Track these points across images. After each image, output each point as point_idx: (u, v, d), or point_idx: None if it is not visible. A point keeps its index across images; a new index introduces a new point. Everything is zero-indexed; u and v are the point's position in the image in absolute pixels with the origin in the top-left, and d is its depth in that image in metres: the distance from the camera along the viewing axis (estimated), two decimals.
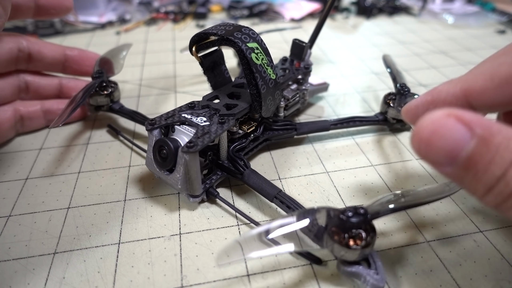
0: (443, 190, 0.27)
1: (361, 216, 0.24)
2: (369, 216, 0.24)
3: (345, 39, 0.70)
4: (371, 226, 0.25)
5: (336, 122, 0.40)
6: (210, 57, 0.36)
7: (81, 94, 0.38)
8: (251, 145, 0.37)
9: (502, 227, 0.31)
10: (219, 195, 0.33)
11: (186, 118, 0.31)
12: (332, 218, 0.24)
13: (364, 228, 0.24)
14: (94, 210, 0.33)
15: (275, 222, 0.24)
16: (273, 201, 0.31)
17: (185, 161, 0.29)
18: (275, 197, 0.30)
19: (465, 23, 0.76)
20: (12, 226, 0.31)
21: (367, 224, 0.24)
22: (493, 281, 0.26)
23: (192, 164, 0.29)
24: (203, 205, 0.33)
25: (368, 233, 0.24)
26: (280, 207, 0.30)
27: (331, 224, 0.24)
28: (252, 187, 0.32)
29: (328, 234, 0.24)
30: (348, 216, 0.24)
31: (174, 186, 0.31)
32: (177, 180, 0.30)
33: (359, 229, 0.24)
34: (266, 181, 0.32)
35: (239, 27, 0.32)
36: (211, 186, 0.33)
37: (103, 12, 0.79)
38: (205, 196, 0.33)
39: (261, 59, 0.31)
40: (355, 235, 0.24)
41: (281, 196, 0.30)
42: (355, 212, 0.24)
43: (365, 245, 0.24)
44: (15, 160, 0.39)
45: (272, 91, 0.33)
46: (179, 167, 0.29)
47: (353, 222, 0.24)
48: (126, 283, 0.26)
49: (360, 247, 0.24)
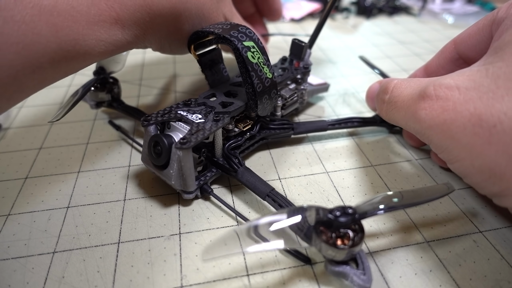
0: (436, 191, 0.28)
1: (349, 215, 0.24)
2: (357, 216, 0.24)
3: (345, 39, 0.70)
4: (360, 226, 0.25)
5: (334, 122, 0.40)
6: (208, 55, 0.37)
7: (82, 89, 0.39)
8: (247, 144, 0.37)
9: (502, 227, 0.31)
10: (213, 192, 0.33)
11: (182, 115, 0.32)
12: (320, 217, 0.24)
13: (352, 228, 0.24)
14: (94, 209, 0.33)
15: (263, 218, 0.24)
16: (266, 199, 0.31)
17: (178, 157, 0.29)
18: (267, 195, 0.31)
19: (465, 23, 0.76)
20: (11, 225, 0.31)
21: (355, 223, 0.24)
22: (493, 281, 0.26)
23: (185, 160, 0.29)
24: (203, 205, 0.33)
25: (356, 233, 0.24)
26: (273, 205, 0.30)
27: (319, 223, 0.24)
28: (246, 185, 0.32)
29: (316, 233, 0.24)
30: (336, 216, 0.24)
31: (168, 181, 0.31)
32: (171, 176, 0.30)
33: (346, 229, 0.24)
34: (260, 180, 0.32)
35: (236, 25, 0.32)
36: (205, 183, 0.33)
37: None
38: (199, 193, 0.33)
39: (257, 58, 0.32)
40: (342, 234, 0.24)
41: (273, 195, 0.30)
42: (343, 211, 0.24)
43: (352, 245, 0.24)
44: (14, 159, 0.39)
45: (269, 90, 0.33)
46: (173, 163, 0.30)
47: (341, 221, 0.24)
48: (125, 283, 0.26)
49: (347, 247, 0.24)
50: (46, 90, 0.52)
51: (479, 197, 0.34)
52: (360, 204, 0.25)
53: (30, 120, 0.46)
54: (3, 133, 0.43)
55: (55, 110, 0.48)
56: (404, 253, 0.29)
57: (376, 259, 0.28)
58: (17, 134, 0.43)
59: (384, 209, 0.25)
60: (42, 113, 0.47)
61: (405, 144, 0.41)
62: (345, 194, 0.34)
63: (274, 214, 0.24)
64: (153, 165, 0.31)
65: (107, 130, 0.43)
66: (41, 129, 0.44)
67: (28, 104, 0.49)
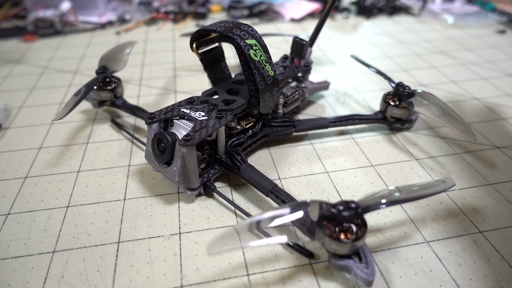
0: (438, 186, 0.28)
1: (352, 210, 0.24)
2: (360, 210, 0.24)
3: (345, 39, 0.70)
4: (362, 220, 0.25)
5: (335, 119, 0.40)
6: (210, 54, 0.37)
7: (84, 88, 0.39)
8: (250, 141, 0.37)
9: (502, 228, 0.31)
10: (216, 189, 0.33)
11: (185, 113, 0.32)
12: (323, 212, 0.24)
13: (355, 222, 0.24)
14: (94, 209, 0.33)
15: (266, 213, 0.24)
16: (269, 196, 0.31)
17: (182, 154, 0.29)
18: (270, 192, 0.31)
19: (465, 23, 0.76)
20: (11, 225, 0.31)
21: (358, 218, 0.24)
22: (493, 281, 0.26)
23: (189, 157, 0.29)
24: (203, 205, 0.33)
25: (359, 227, 0.24)
26: (276, 201, 0.30)
27: (323, 218, 0.24)
28: (248, 181, 0.32)
29: (320, 227, 0.24)
30: (339, 210, 0.24)
31: (171, 179, 0.31)
32: (175, 173, 0.30)
33: (350, 223, 0.24)
34: (263, 176, 0.32)
35: (239, 24, 0.32)
36: (208, 180, 0.33)
37: (103, 12, 0.79)
38: (202, 190, 0.33)
39: (259, 56, 0.32)
40: (345, 229, 0.24)
41: (276, 191, 0.30)
42: (346, 206, 0.24)
43: (355, 239, 0.24)
44: (14, 158, 0.39)
45: (271, 88, 0.33)
46: (177, 160, 0.30)
47: (344, 215, 0.24)
48: (125, 282, 0.26)
49: (350, 241, 0.24)
50: (46, 90, 0.52)
51: (479, 197, 0.34)
52: (363, 198, 0.26)
53: (30, 119, 0.46)
54: (3, 132, 0.43)
55: (55, 110, 0.48)
56: (404, 253, 0.28)
57: (376, 259, 0.28)
58: (17, 133, 0.43)
59: (386, 203, 0.25)
60: (42, 113, 0.47)
61: (405, 144, 0.41)
62: (345, 194, 0.34)
63: (278, 209, 0.24)
64: (157, 162, 0.32)
65: (107, 130, 0.43)
66: (41, 129, 0.44)
67: (28, 104, 0.49)
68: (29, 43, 0.69)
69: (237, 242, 0.23)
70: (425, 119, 0.45)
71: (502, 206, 0.33)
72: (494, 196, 0.34)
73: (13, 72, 0.58)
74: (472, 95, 0.51)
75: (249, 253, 0.28)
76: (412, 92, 0.40)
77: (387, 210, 0.32)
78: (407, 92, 0.40)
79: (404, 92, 0.40)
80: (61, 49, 0.66)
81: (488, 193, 0.34)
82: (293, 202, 0.28)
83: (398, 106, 0.40)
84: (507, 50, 0.65)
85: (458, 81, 0.54)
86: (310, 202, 0.25)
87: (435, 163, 0.38)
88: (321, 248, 0.28)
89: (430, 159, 0.38)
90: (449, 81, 0.54)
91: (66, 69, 0.59)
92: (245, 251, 0.29)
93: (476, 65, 0.59)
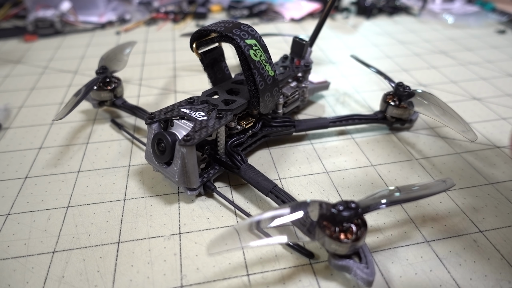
0: (438, 186, 0.28)
1: (352, 210, 0.24)
2: (360, 210, 0.24)
3: (345, 39, 0.70)
4: (362, 220, 0.25)
5: (335, 119, 0.40)
6: (210, 54, 0.37)
7: (84, 88, 0.39)
8: (250, 141, 0.37)
9: (502, 227, 0.31)
10: (216, 189, 0.33)
11: (185, 113, 0.32)
12: (323, 212, 0.24)
13: (355, 222, 0.24)
14: (94, 209, 0.33)
15: (266, 213, 0.24)
16: (269, 196, 0.31)
17: (182, 154, 0.29)
18: (270, 192, 0.31)
19: (465, 23, 0.76)
20: (11, 225, 0.31)
21: (358, 218, 0.24)
22: (493, 281, 0.26)
23: (189, 157, 0.29)
24: (203, 205, 0.33)
25: (359, 227, 0.24)
26: (276, 201, 0.30)
27: (323, 218, 0.24)
28: (249, 181, 0.32)
29: (320, 227, 0.24)
30: (339, 210, 0.24)
31: (171, 179, 0.31)
32: (175, 173, 0.30)
33: (350, 223, 0.24)
34: (263, 176, 0.32)
35: (238, 24, 0.32)
36: (208, 180, 0.33)
37: (103, 12, 0.79)
38: (202, 190, 0.33)
39: (259, 56, 0.32)
40: (345, 229, 0.24)
41: (277, 191, 0.30)
42: (346, 206, 0.24)
43: (355, 239, 0.24)
44: (14, 159, 0.39)
45: (271, 88, 0.33)
46: (177, 160, 0.30)
47: (344, 215, 0.24)
48: (125, 282, 0.26)
49: (350, 241, 0.24)
50: (46, 90, 0.52)
51: (480, 197, 0.34)
52: (363, 198, 0.26)
53: (30, 120, 0.46)
54: (3, 133, 0.43)
55: (55, 110, 0.48)
56: (404, 253, 0.28)
57: (376, 259, 0.28)
58: (17, 133, 0.43)
59: (386, 203, 0.25)
60: (42, 113, 0.47)
61: (405, 144, 0.41)
62: (345, 194, 0.34)
63: (278, 209, 0.24)
64: (157, 162, 0.32)
65: (107, 130, 0.43)
66: (41, 129, 0.44)
67: (28, 104, 0.49)
68: (29, 43, 0.69)
69: (237, 242, 0.23)
70: (425, 119, 0.45)
71: (503, 205, 0.33)
72: (494, 195, 0.34)
73: (13, 72, 0.58)
74: (472, 95, 0.51)
75: (249, 253, 0.28)
76: (412, 92, 0.40)
77: (387, 210, 0.32)
78: (407, 92, 0.40)
79: (404, 92, 0.40)
80: (61, 49, 0.66)
81: (489, 193, 0.34)
82: (293, 202, 0.28)
83: (398, 106, 0.40)
84: (507, 50, 0.65)
85: (458, 81, 0.54)
86: (310, 202, 0.25)
87: (435, 163, 0.38)
88: (321, 248, 0.28)
89: (430, 159, 0.38)
90: (449, 81, 0.54)
91: (66, 69, 0.59)
92: (245, 251, 0.29)
93: (476, 65, 0.59)
